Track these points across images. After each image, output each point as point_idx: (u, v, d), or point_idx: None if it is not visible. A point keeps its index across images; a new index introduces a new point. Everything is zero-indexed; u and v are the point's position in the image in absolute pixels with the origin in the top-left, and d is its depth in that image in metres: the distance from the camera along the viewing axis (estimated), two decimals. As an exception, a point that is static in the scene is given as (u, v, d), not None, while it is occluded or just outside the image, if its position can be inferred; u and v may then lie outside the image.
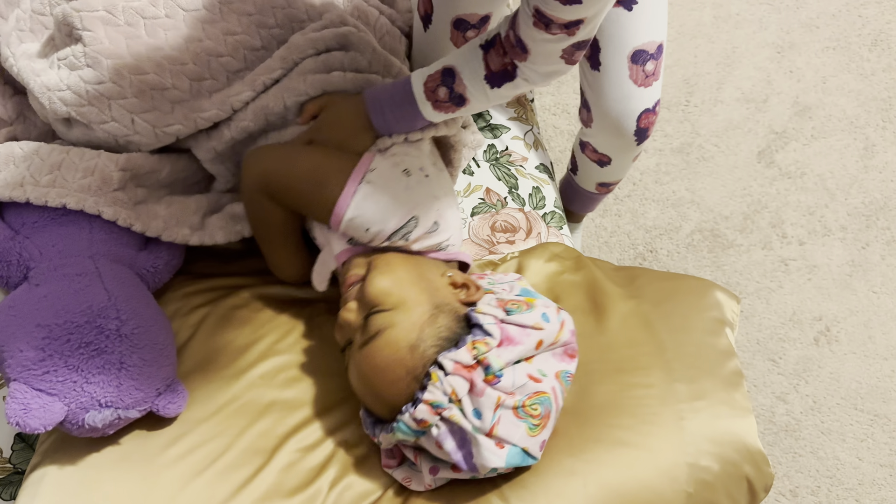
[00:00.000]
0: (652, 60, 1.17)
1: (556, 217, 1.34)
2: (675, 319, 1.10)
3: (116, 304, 0.93)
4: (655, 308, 1.12)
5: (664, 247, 1.72)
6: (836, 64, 1.89)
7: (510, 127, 1.40)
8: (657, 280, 1.19)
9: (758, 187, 1.77)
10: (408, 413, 0.85)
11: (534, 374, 0.89)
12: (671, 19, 1.92)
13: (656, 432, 0.96)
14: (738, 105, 1.84)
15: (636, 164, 1.79)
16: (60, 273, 0.94)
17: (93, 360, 0.88)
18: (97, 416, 0.88)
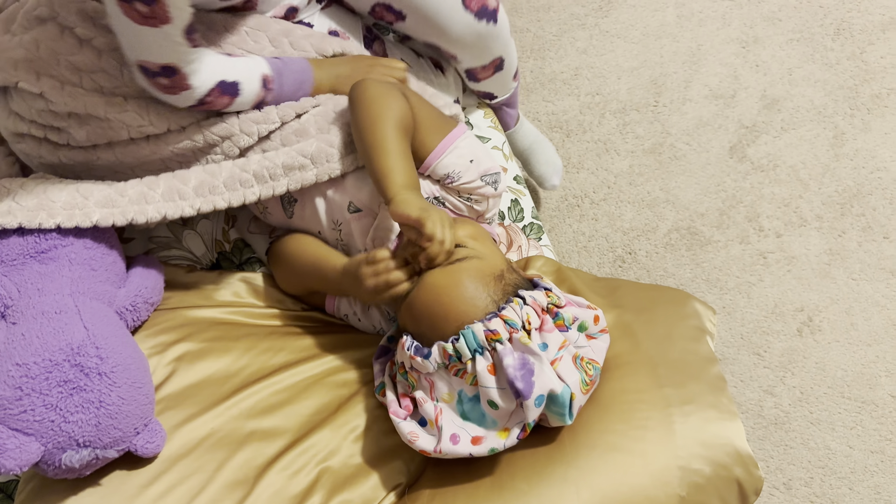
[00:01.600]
0: None
1: (535, 228, 1.34)
2: (657, 328, 1.11)
3: (96, 342, 0.92)
4: (637, 317, 1.13)
5: (643, 248, 1.72)
6: (801, 55, 1.90)
7: (490, 137, 1.39)
8: (637, 291, 1.20)
9: (731, 182, 1.78)
10: (481, 324, 0.89)
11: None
12: (635, 22, 1.93)
13: (648, 437, 0.96)
14: (707, 102, 1.85)
15: (610, 167, 1.79)
16: (39, 311, 0.93)
17: (71, 398, 0.87)
18: (75, 457, 0.87)
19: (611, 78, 1.87)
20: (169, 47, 0.93)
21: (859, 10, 1.93)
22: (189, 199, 1.04)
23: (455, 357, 0.90)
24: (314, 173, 1.06)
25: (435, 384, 0.93)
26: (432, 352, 0.92)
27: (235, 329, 1.14)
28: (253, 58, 1.07)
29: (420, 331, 0.96)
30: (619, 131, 1.82)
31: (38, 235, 1.00)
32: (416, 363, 0.93)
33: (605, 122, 1.83)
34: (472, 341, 0.89)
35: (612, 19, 1.93)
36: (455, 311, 0.92)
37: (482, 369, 0.89)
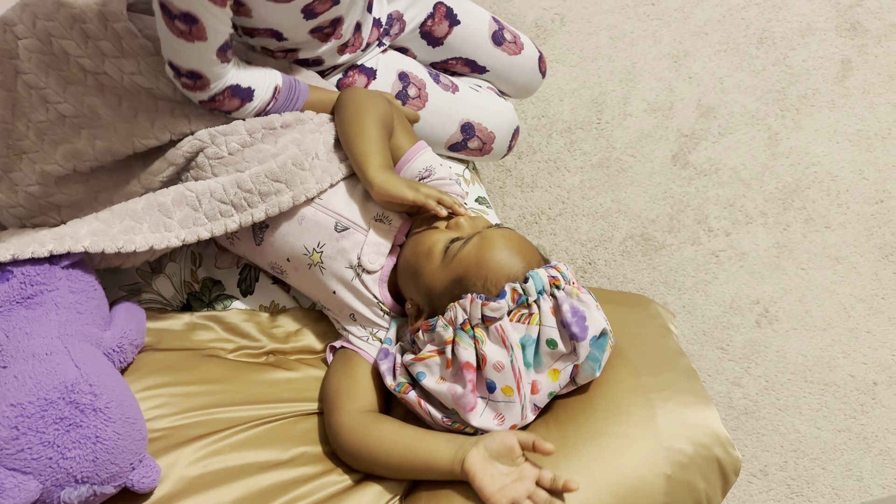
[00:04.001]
0: (505, 31, 1.48)
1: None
2: (628, 328, 1.16)
3: (89, 380, 0.93)
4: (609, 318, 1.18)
5: (601, 257, 1.78)
6: (730, 64, 2.01)
7: (451, 165, 1.44)
8: (605, 296, 1.25)
9: (677, 188, 1.86)
10: (544, 269, 0.98)
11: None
12: (571, 46, 2.02)
13: (632, 421, 1.00)
14: (647, 115, 1.94)
15: (562, 184, 1.86)
16: (29, 353, 0.94)
17: (68, 434, 0.88)
18: (73, 493, 0.87)
19: (554, 100, 1.95)
20: (200, 59, 1.04)
21: (778, 18, 2.05)
22: (174, 231, 1.07)
23: (523, 298, 0.96)
24: (290, 196, 1.09)
25: (506, 330, 0.96)
26: (505, 292, 0.96)
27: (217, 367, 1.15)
28: (270, 70, 1.16)
29: (480, 278, 1.00)
30: (567, 149, 1.90)
31: (24, 281, 1.01)
32: (488, 308, 0.96)
33: (553, 142, 1.90)
34: (540, 282, 0.97)
35: (550, 45, 2.02)
36: (522, 255, 1.01)
37: (546, 309, 0.97)
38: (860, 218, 1.83)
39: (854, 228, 1.82)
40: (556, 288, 0.98)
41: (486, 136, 1.45)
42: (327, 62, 1.30)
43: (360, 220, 1.12)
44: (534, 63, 1.55)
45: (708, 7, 2.08)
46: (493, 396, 0.97)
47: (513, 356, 0.95)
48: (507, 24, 1.52)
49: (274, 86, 1.15)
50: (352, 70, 1.34)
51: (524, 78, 1.53)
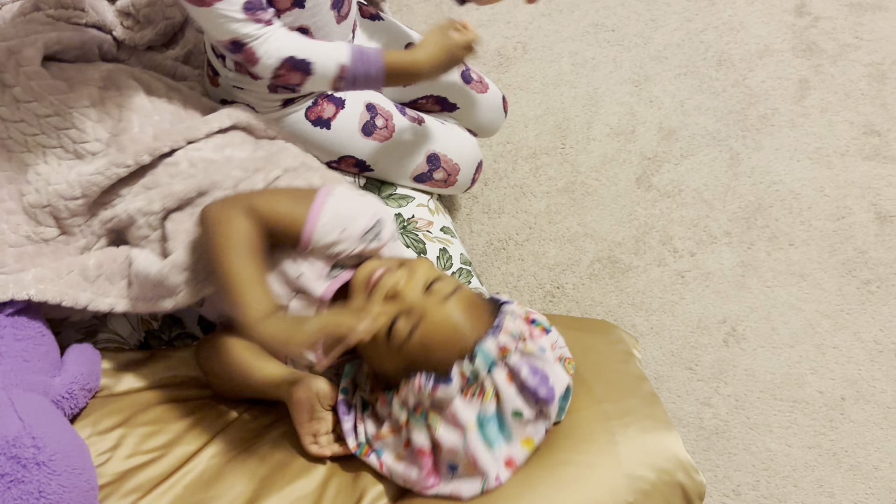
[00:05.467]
0: (472, 71, 1.53)
1: (464, 273, 1.39)
2: (591, 354, 1.17)
3: (31, 432, 0.92)
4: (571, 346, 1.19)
5: (569, 281, 1.80)
6: (690, 87, 2.04)
7: (414, 196, 1.45)
8: (569, 323, 1.26)
9: (642, 210, 1.88)
10: (491, 339, 0.95)
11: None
12: (534, 73, 2.05)
13: (594, 449, 1.01)
14: (609, 140, 1.97)
15: (529, 209, 1.87)
16: None
17: (9, 491, 0.86)
18: None
19: (518, 127, 1.97)
20: (226, 24, 1.07)
21: (736, 41, 2.09)
22: (113, 299, 1.08)
23: (472, 378, 0.94)
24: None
25: (457, 412, 0.94)
26: (452, 376, 0.94)
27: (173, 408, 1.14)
28: (336, 44, 1.18)
29: (430, 362, 0.96)
30: (533, 175, 1.91)
31: None
32: (438, 394, 0.94)
33: (519, 168, 1.92)
34: (488, 357, 0.94)
35: (513, 73, 2.04)
36: (470, 327, 0.96)
37: (502, 381, 0.95)
38: (822, 234, 1.86)
39: (817, 245, 1.85)
40: (508, 355, 0.96)
41: (451, 168, 1.46)
42: (305, 86, 1.29)
43: (281, 294, 1.10)
44: (499, 101, 1.58)
45: (667, 32, 2.12)
46: (456, 475, 0.97)
47: (466, 438, 0.94)
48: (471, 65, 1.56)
49: (337, 63, 1.17)
50: (322, 98, 1.35)
51: (491, 115, 1.56)
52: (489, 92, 1.56)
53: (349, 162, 1.40)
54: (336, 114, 1.36)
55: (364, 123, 1.38)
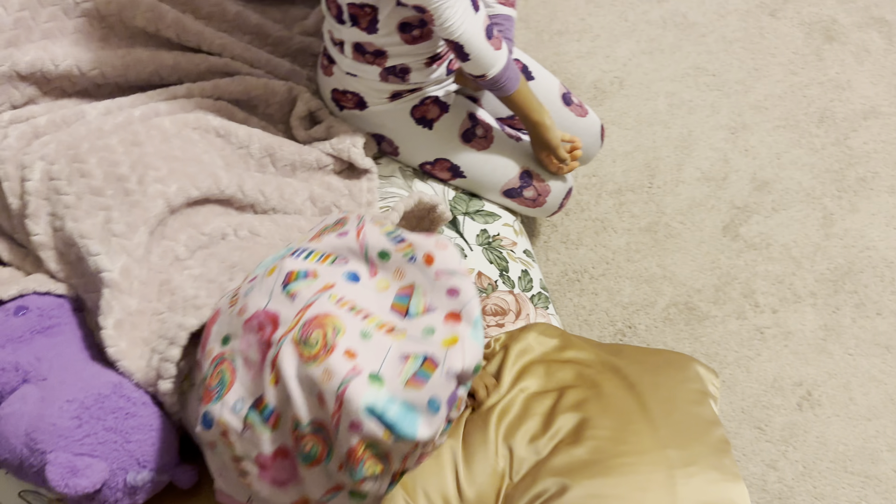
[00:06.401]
0: (572, 94, 1.54)
1: (542, 298, 1.38)
2: (661, 391, 1.13)
3: (128, 384, 1.00)
4: (642, 379, 1.15)
5: (642, 322, 1.75)
6: (788, 141, 1.99)
7: (501, 215, 1.45)
8: (641, 354, 1.23)
9: (726, 260, 1.83)
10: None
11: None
12: (628, 110, 2.02)
13: (650, 498, 0.97)
14: (699, 184, 1.92)
15: (608, 244, 1.84)
16: (65, 367, 0.99)
17: (127, 421, 0.94)
18: (137, 477, 0.92)
19: (606, 161, 1.95)
20: None
21: (841, 99, 2.03)
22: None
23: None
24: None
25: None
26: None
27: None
28: (501, 52, 1.27)
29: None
30: (616, 210, 1.88)
31: (41, 314, 1.06)
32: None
33: (602, 202, 1.89)
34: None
35: (607, 107, 2.02)
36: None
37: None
38: (914, 308, 1.77)
39: (907, 318, 1.76)
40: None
41: (542, 189, 1.45)
42: (413, 75, 1.32)
43: None
44: (597, 128, 1.57)
45: (769, 82, 2.07)
46: None
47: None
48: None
49: (492, 68, 1.26)
50: (428, 100, 1.38)
51: (588, 140, 1.55)
52: (588, 117, 1.55)
53: (444, 165, 1.42)
54: (439, 116, 1.39)
55: (465, 130, 1.40)
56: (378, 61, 1.31)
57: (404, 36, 1.27)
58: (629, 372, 1.17)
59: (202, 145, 1.26)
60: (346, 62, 1.33)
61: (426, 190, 1.44)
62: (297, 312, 0.79)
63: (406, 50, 1.30)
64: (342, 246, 0.88)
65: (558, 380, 1.18)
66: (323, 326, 0.77)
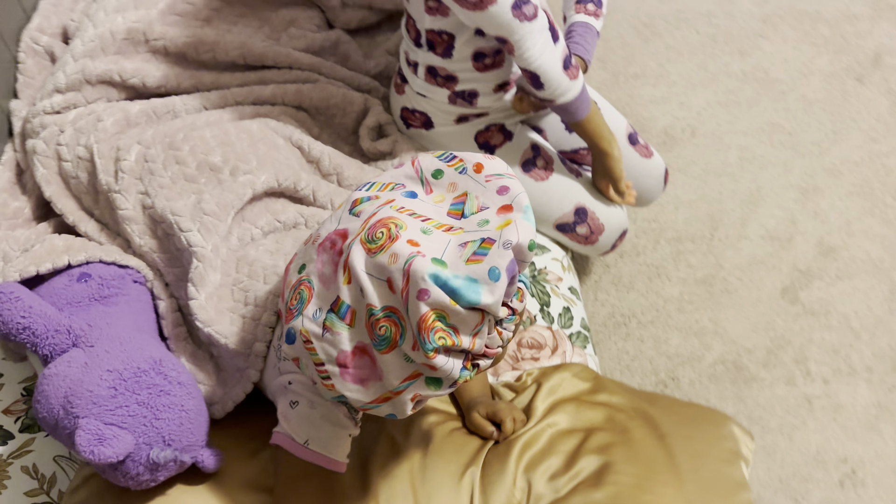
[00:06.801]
0: (638, 135, 1.53)
1: (581, 337, 1.36)
2: (692, 444, 1.11)
3: (170, 358, 1.03)
4: (674, 431, 1.13)
5: (686, 375, 1.71)
6: (861, 209, 1.93)
7: (551, 249, 1.45)
8: (676, 406, 1.20)
9: (781, 323, 1.77)
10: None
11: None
12: (697, 159, 2.00)
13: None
14: (763, 242, 1.88)
15: (660, 291, 1.81)
16: (114, 336, 1.02)
17: (159, 398, 0.96)
18: (160, 454, 0.94)
19: (668, 207, 1.92)
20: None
21: (921, 172, 1.97)
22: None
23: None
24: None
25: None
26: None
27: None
28: (576, 82, 1.28)
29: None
30: (673, 259, 1.85)
31: (101, 283, 1.10)
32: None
33: (660, 249, 1.87)
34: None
35: (675, 154, 2.00)
36: None
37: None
38: (978, 397, 1.69)
39: (969, 407, 1.68)
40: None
41: (596, 227, 1.44)
42: (481, 100, 1.34)
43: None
44: (661, 171, 1.55)
45: (847, 147, 2.02)
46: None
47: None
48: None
49: (564, 96, 1.27)
50: (494, 127, 1.39)
51: (650, 182, 1.54)
52: (653, 159, 1.54)
53: None
54: (502, 143, 1.40)
55: (526, 159, 1.41)
56: (448, 85, 1.33)
57: (476, 64, 1.29)
58: (662, 422, 1.14)
59: (285, 151, 1.30)
60: (417, 83, 1.35)
61: None
62: (364, 222, 0.85)
63: (476, 76, 1.31)
64: (399, 174, 0.93)
65: (587, 420, 1.16)
66: (386, 226, 0.83)
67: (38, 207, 1.29)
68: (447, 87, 1.33)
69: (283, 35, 1.49)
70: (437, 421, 1.17)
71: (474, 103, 1.35)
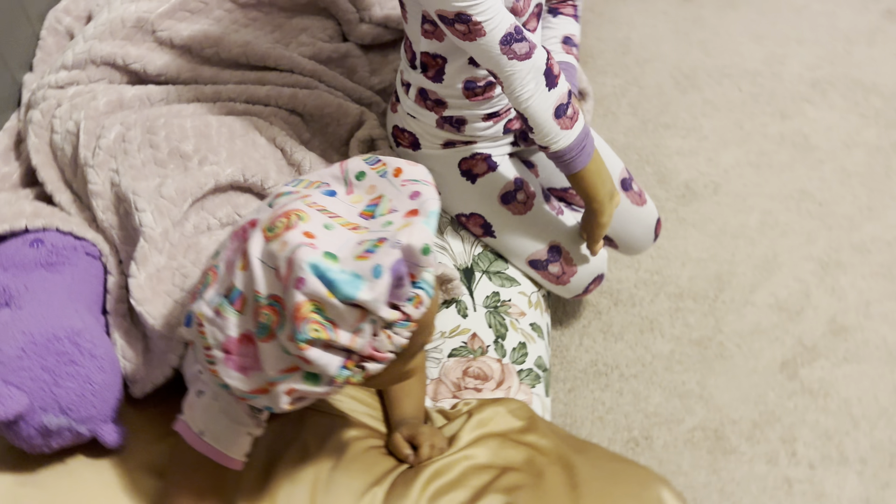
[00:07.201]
0: (633, 182, 1.48)
1: (532, 375, 1.33)
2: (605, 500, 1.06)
3: (91, 333, 1.04)
4: (590, 483, 1.08)
5: (661, 436, 1.64)
6: (883, 291, 1.82)
7: (521, 282, 1.42)
8: (604, 459, 1.15)
9: (774, 397, 1.68)
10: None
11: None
12: (715, 217, 1.93)
13: None
14: (770, 311, 1.79)
15: (650, 346, 1.74)
16: (44, 302, 1.05)
17: (65, 367, 0.98)
18: (54, 420, 0.96)
19: (675, 262, 1.86)
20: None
21: (956, 261, 1.84)
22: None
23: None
24: None
25: None
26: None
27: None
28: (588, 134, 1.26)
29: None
30: (670, 314, 1.79)
31: (52, 251, 1.13)
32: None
33: (658, 302, 1.80)
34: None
35: (693, 209, 1.94)
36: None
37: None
38: (980, 509, 1.55)
39: (969, 518, 1.54)
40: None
41: (569, 269, 1.41)
42: (468, 127, 1.34)
43: None
44: (652, 220, 1.51)
45: (880, 225, 1.91)
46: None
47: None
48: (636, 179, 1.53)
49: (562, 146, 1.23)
50: (479, 156, 1.38)
51: (639, 231, 1.50)
52: (644, 208, 1.49)
53: (477, 221, 1.41)
54: (485, 173, 1.39)
55: (506, 192, 1.38)
56: (437, 109, 1.32)
57: (467, 92, 1.29)
58: (581, 472, 1.09)
59: (263, 150, 1.32)
60: (408, 103, 1.36)
61: (455, 242, 1.43)
62: (273, 213, 0.86)
63: (466, 104, 1.31)
64: (327, 174, 0.95)
65: (506, 458, 1.12)
66: (288, 216, 0.83)
67: (26, 175, 1.35)
68: (436, 111, 1.33)
69: (293, 42, 1.52)
70: (358, 436, 1.15)
71: (462, 130, 1.35)
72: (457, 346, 1.32)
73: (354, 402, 1.22)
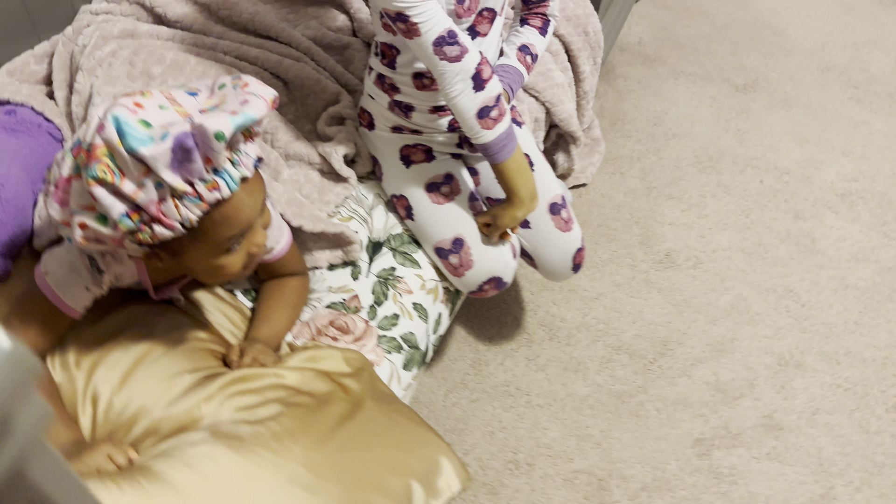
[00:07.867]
0: (564, 209, 1.54)
1: (393, 343, 1.39)
2: (369, 440, 1.11)
3: (11, 180, 1.24)
4: (365, 425, 1.14)
5: (544, 468, 1.63)
6: (838, 404, 1.72)
7: (422, 267, 1.51)
8: (402, 415, 1.19)
9: (676, 469, 1.63)
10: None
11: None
12: (685, 289, 1.91)
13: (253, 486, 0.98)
14: (705, 388, 1.74)
15: (568, 385, 1.75)
16: None
17: None
18: None
19: (626, 318, 1.86)
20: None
21: (926, 394, 1.71)
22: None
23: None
24: None
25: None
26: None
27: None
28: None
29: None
30: (601, 364, 1.78)
31: (19, 120, 1.36)
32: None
33: (593, 349, 1.81)
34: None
35: (665, 276, 1.93)
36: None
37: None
38: None
39: None
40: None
41: (466, 261, 1.48)
42: (415, 115, 1.48)
43: None
44: (572, 248, 1.55)
45: (863, 343, 1.82)
46: None
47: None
48: (571, 209, 1.59)
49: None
50: (420, 146, 1.53)
51: (557, 256, 1.56)
52: (567, 234, 1.54)
53: (402, 203, 1.52)
54: (420, 161, 1.50)
55: (433, 182, 1.49)
56: (390, 92, 1.47)
57: (416, 82, 1.43)
58: (365, 413, 1.15)
59: None
60: (370, 85, 1.52)
61: (379, 219, 1.54)
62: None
63: (415, 93, 1.44)
64: (205, 83, 1.10)
65: (311, 387, 1.20)
66: (140, 93, 1.00)
67: (49, 75, 1.62)
68: (389, 94, 1.47)
69: (302, 24, 1.73)
70: (203, 338, 1.28)
71: (409, 116, 1.48)
72: (336, 301, 1.42)
73: (224, 318, 1.35)
